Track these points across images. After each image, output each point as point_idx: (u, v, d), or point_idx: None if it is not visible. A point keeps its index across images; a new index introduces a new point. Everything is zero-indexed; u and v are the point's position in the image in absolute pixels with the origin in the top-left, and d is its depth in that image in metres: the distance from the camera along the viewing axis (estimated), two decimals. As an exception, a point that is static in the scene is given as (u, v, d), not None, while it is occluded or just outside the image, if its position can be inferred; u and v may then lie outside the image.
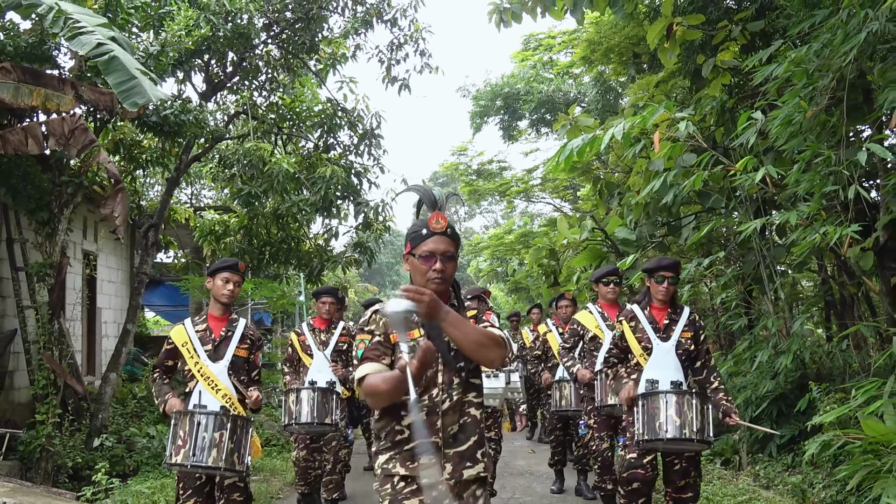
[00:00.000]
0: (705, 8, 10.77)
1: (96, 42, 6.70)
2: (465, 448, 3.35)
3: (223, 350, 5.35)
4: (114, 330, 13.71)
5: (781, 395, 9.08)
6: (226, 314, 5.47)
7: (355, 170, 12.41)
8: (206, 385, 5.22)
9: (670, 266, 5.79)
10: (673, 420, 5.26)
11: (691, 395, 5.32)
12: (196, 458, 4.89)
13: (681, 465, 5.60)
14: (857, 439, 6.66)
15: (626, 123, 7.64)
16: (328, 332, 7.80)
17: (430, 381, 3.33)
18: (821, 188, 7.35)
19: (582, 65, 18.54)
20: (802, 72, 7.55)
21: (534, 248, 16.68)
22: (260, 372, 5.66)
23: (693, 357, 5.71)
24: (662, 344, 5.67)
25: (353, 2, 11.82)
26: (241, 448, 5.04)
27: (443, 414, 3.32)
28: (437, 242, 3.31)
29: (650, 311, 5.83)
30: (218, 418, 4.98)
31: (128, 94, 6.71)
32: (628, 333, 5.82)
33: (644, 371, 5.66)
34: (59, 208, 9.17)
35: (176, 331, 5.44)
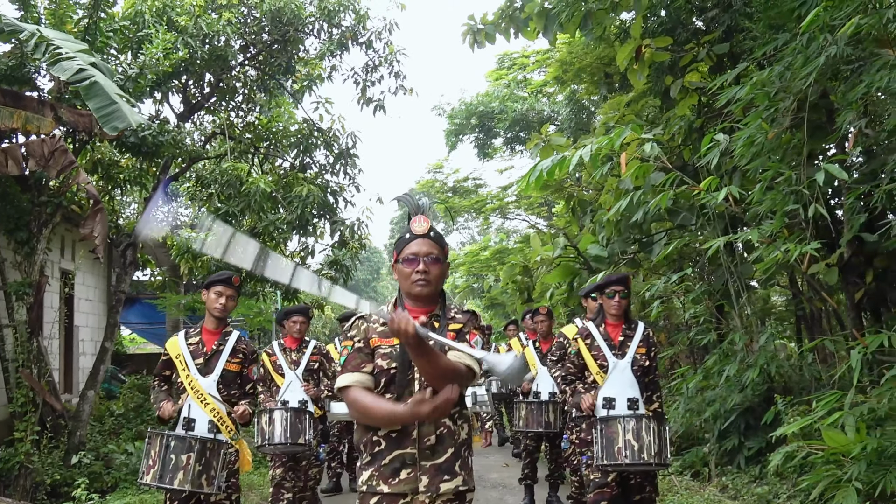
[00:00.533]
0: (674, 29, 10.99)
1: (77, 67, 6.88)
2: (442, 460, 3.28)
3: (213, 364, 5.38)
4: (91, 348, 13.77)
5: (749, 408, 9.25)
6: (219, 328, 5.49)
7: (331, 189, 12.61)
8: (196, 398, 5.26)
9: (619, 280, 5.88)
10: (631, 444, 5.33)
11: (649, 419, 5.40)
12: (164, 480, 4.98)
13: (636, 480, 5.67)
14: (820, 450, 6.83)
15: (593, 146, 7.85)
16: (299, 351, 7.79)
17: (406, 390, 3.29)
18: (782, 207, 7.59)
19: (555, 84, 18.82)
20: (764, 94, 7.80)
21: (508, 265, 16.88)
22: (255, 386, 5.69)
23: (646, 372, 5.80)
24: (618, 361, 5.73)
25: (329, 24, 12.03)
26: (209, 470, 5.07)
27: (419, 424, 3.25)
28: (420, 245, 3.31)
29: (605, 328, 5.88)
30: (187, 441, 5.04)
31: (108, 118, 6.89)
32: (584, 351, 5.88)
33: (601, 389, 5.72)
34: (38, 228, 9.30)
35: (171, 342, 5.49)
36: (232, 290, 5.43)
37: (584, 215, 13.67)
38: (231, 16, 10.93)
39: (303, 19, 11.68)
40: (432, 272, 3.32)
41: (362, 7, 12.10)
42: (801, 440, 7.20)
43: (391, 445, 3.26)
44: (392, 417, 3.20)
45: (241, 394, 5.50)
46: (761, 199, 7.80)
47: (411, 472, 3.24)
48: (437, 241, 3.36)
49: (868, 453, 6.24)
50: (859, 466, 6.22)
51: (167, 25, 10.28)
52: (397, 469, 3.25)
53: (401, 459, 3.25)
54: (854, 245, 8.15)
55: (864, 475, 6.19)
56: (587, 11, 10.31)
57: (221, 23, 10.63)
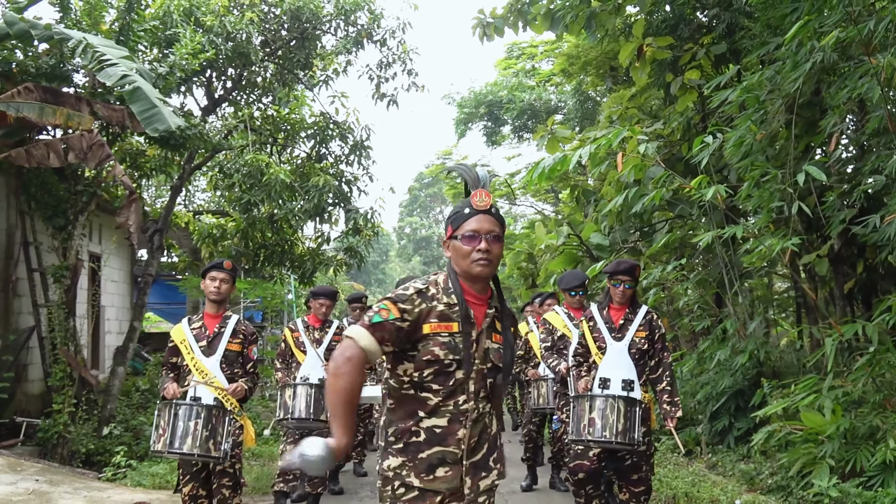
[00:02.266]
0: (677, 25, 11.36)
1: (121, 73, 7.51)
2: (479, 457, 3.13)
3: (216, 345, 5.61)
4: (115, 327, 14.44)
5: (739, 391, 9.68)
6: (219, 311, 5.74)
7: (346, 178, 13.22)
8: (201, 378, 5.49)
9: (627, 270, 5.93)
10: (595, 422, 5.49)
11: (615, 399, 5.51)
12: (174, 445, 5.21)
13: (632, 460, 5.76)
14: (799, 430, 7.37)
15: (591, 147, 8.39)
16: (322, 330, 7.89)
17: (459, 387, 3.07)
18: (768, 204, 8.13)
19: (562, 77, 19.22)
20: (754, 98, 8.32)
21: (513, 253, 17.26)
22: (255, 365, 5.87)
23: (649, 355, 5.91)
24: (616, 343, 5.84)
25: (345, 23, 12.64)
26: (216, 435, 5.27)
27: (471, 424, 3.09)
28: (482, 221, 3.06)
29: (608, 312, 6.01)
30: (193, 408, 5.26)
31: (150, 120, 7.53)
32: (587, 333, 6.05)
33: (598, 370, 5.86)
34: (74, 215, 9.94)
35: (175, 329, 5.75)
36: (225, 274, 5.65)
37: (587, 204, 14.08)
38: (253, 15, 11.54)
39: (321, 17, 12.31)
40: (494, 251, 3.07)
41: (377, 7, 12.73)
42: (783, 421, 7.76)
43: (432, 440, 3.05)
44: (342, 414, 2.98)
45: (242, 372, 5.72)
46: (750, 195, 8.35)
47: (450, 471, 3.05)
48: (497, 217, 3.11)
49: (841, 433, 6.79)
50: (833, 445, 6.78)
51: (194, 24, 10.85)
52: (434, 466, 3.04)
53: (440, 456, 3.05)
54: (843, 238, 8.62)
55: (838, 453, 6.74)
56: (591, 13, 10.82)
57: (244, 21, 11.21)
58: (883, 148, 7.78)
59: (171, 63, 9.96)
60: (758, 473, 8.23)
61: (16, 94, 8.64)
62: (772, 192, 8.08)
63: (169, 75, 9.89)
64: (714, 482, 8.11)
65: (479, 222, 3.05)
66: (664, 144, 11.65)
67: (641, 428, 5.55)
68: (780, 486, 7.66)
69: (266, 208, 12.53)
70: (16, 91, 8.70)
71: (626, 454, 5.76)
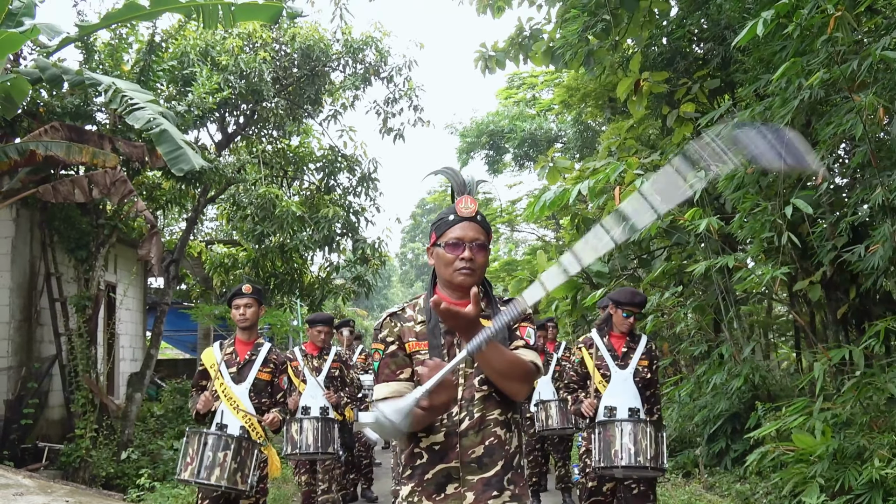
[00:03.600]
0: (673, 59, 11.74)
1: (149, 117, 7.97)
2: (492, 474, 2.92)
3: (246, 373, 5.54)
4: (129, 354, 14.81)
5: (735, 414, 9.94)
6: (251, 338, 5.69)
7: (354, 209, 13.68)
8: (229, 405, 5.42)
9: (640, 303, 5.90)
10: (628, 448, 5.34)
11: (646, 424, 5.42)
12: (200, 475, 5.13)
13: (639, 488, 5.70)
14: (791, 451, 7.69)
15: (590, 181, 8.82)
16: (320, 357, 7.89)
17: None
18: (759, 234, 8.51)
19: (562, 109, 19.62)
20: (744, 133, 8.69)
21: (515, 280, 17.56)
22: (285, 394, 5.80)
23: (648, 384, 5.87)
24: (620, 371, 5.76)
25: (354, 60, 13.13)
26: (244, 468, 5.21)
27: (461, 434, 2.93)
28: (466, 229, 2.94)
29: (609, 339, 5.92)
30: (223, 439, 5.19)
31: (176, 161, 7.99)
32: (587, 360, 5.93)
33: (603, 398, 5.74)
34: (96, 247, 10.41)
35: (206, 353, 5.73)
36: (248, 299, 5.59)
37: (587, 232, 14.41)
38: (266, 54, 12.03)
39: (330, 55, 12.82)
40: (478, 260, 2.93)
41: (384, 45, 13.22)
42: (777, 442, 8.09)
43: (434, 459, 2.94)
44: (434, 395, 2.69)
45: (271, 402, 5.64)
46: (742, 226, 8.73)
47: (457, 488, 2.92)
48: (483, 225, 2.99)
49: (831, 453, 7.04)
50: (823, 465, 7.03)
51: (210, 64, 11.34)
52: (442, 484, 2.93)
53: (445, 474, 2.93)
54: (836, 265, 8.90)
55: (827, 472, 6.98)
56: (588, 51, 11.24)
57: (258, 60, 11.69)
58: (868, 181, 8.14)
59: (189, 102, 10.44)
60: (753, 493, 8.48)
61: (43, 133, 9.12)
62: (763, 223, 8.41)
63: (187, 113, 10.37)
64: (710, 501, 8.41)
65: (463, 230, 2.94)
66: (662, 175, 11.97)
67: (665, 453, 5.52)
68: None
69: (276, 238, 12.94)
70: (43, 130, 9.19)
71: (633, 483, 5.71)
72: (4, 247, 10.68)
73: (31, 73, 8.89)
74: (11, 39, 7.56)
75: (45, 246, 10.82)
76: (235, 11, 9.26)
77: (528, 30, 11.90)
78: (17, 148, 8.67)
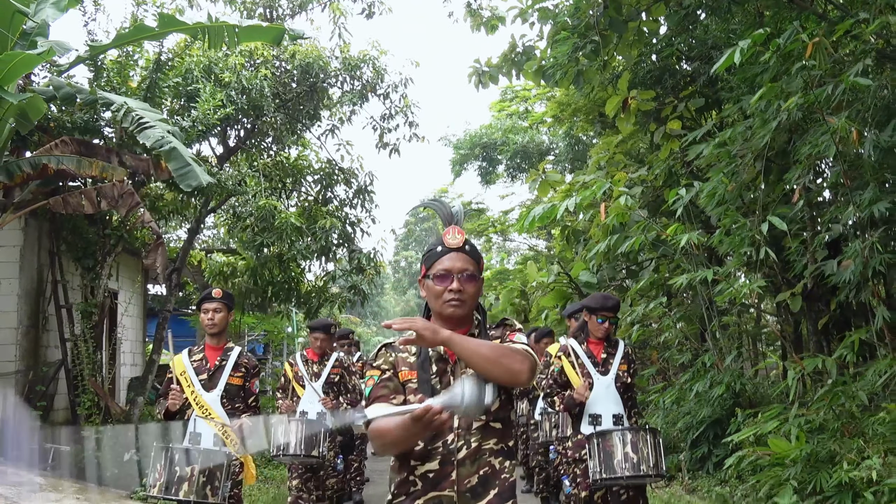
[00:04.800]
0: (661, 76, 12.14)
1: (160, 136, 8.39)
2: (484, 503, 2.91)
3: (217, 379, 5.49)
4: (130, 359, 15.17)
5: (717, 420, 10.26)
6: (220, 343, 5.61)
7: (350, 220, 14.12)
8: (201, 413, 5.36)
9: (613, 307, 5.88)
10: (630, 457, 5.31)
11: (645, 432, 5.43)
12: (169, 490, 5.07)
13: (628, 494, 5.68)
14: (767, 455, 8.09)
15: (577, 198, 9.23)
16: (321, 363, 7.92)
17: (445, 425, 2.79)
18: (739, 249, 8.90)
19: (553, 123, 19.98)
20: (725, 153, 9.11)
21: (506, 290, 17.88)
22: (257, 398, 5.75)
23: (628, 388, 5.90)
24: (602, 378, 5.76)
25: (351, 77, 13.57)
26: (213, 481, 5.12)
27: (458, 464, 2.91)
28: (454, 260, 2.95)
29: (587, 346, 5.93)
30: (190, 453, 5.12)
31: (184, 177, 8.43)
32: (568, 368, 5.89)
33: (586, 406, 5.74)
34: (102, 256, 10.81)
35: (175, 360, 5.57)
36: (217, 304, 5.48)
37: (577, 243, 14.77)
38: (267, 71, 12.45)
39: (328, 73, 13.25)
40: (467, 291, 2.95)
41: (381, 63, 13.68)
42: (754, 447, 8.45)
43: (427, 486, 2.92)
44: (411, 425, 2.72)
45: (244, 407, 5.58)
46: (722, 241, 9.13)
47: None
48: (472, 255, 3.00)
49: (804, 457, 7.37)
50: (796, 468, 7.37)
51: (213, 80, 11.75)
52: None
53: (437, 502, 2.91)
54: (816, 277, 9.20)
55: (800, 475, 7.32)
56: (578, 71, 11.62)
57: (259, 77, 12.11)
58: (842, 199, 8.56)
59: (193, 118, 10.87)
60: (731, 496, 8.83)
61: (54, 148, 9.53)
62: (742, 238, 8.79)
63: (191, 128, 10.79)
64: (689, 502, 8.78)
65: (451, 261, 2.96)
66: (648, 188, 12.39)
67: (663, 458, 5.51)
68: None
69: (275, 248, 13.32)
70: (53, 144, 9.60)
71: (621, 490, 5.67)
72: (13, 255, 11.06)
73: (45, 91, 9.33)
74: (27, 60, 7.96)
75: (53, 254, 11.22)
76: (240, 33, 9.69)
77: (521, 46, 12.18)
78: (31, 162, 9.08)
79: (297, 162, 14.28)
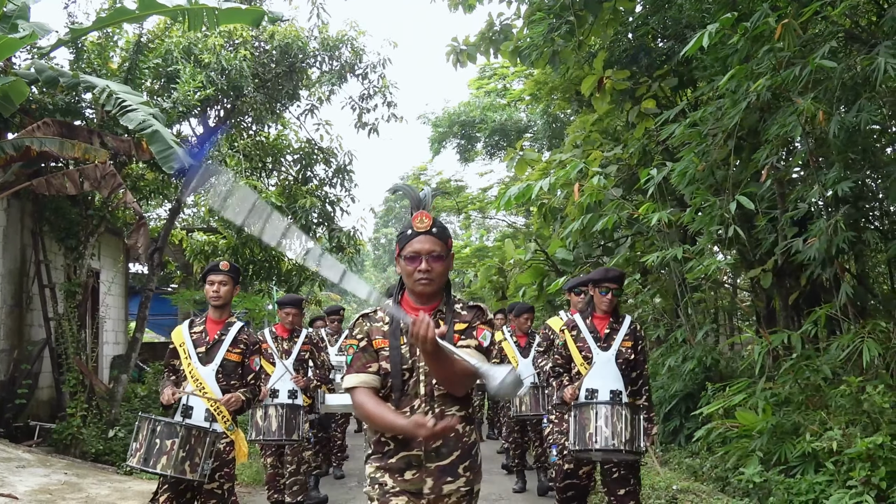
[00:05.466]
0: (637, 55, 12.24)
1: (142, 119, 8.54)
2: (447, 463, 3.28)
3: (214, 353, 5.36)
4: (112, 337, 15.34)
5: (689, 394, 10.49)
6: (222, 317, 5.49)
7: (329, 199, 14.30)
8: (195, 387, 5.26)
9: (616, 278, 5.79)
10: (602, 431, 5.25)
11: (622, 406, 5.32)
12: (147, 462, 4.97)
13: (619, 472, 5.58)
14: (735, 427, 8.33)
15: (551, 178, 9.43)
16: (290, 340, 7.77)
17: (412, 392, 3.29)
18: (709, 227, 9.11)
19: (531, 101, 20.11)
20: (696, 132, 9.27)
21: (485, 267, 18.07)
22: (257, 376, 5.62)
23: (632, 366, 5.73)
24: (602, 353, 5.66)
25: (330, 58, 13.70)
26: (193, 457, 5.01)
27: None
28: (423, 242, 3.24)
29: (591, 321, 5.82)
30: (172, 426, 5.01)
31: (167, 159, 8.59)
32: (570, 343, 5.83)
33: (584, 380, 5.64)
34: (85, 236, 10.95)
35: (175, 332, 5.52)
36: (223, 276, 5.40)
37: (554, 221, 14.93)
38: (246, 52, 12.55)
39: (307, 53, 13.37)
40: (435, 270, 3.25)
41: (359, 44, 13.83)
42: (723, 419, 8.67)
43: (398, 447, 3.28)
44: (391, 428, 3.24)
45: (241, 384, 5.44)
46: (693, 219, 9.32)
47: (416, 473, 3.27)
48: (439, 236, 3.28)
49: (770, 429, 7.67)
50: (762, 440, 7.66)
51: (193, 61, 11.86)
52: (402, 469, 3.28)
53: (406, 460, 3.27)
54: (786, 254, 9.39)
55: (766, 447, 7.61)
56: (553, 52, 11.77)
57: (239, 57, 12.23)
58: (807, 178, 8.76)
59: (174, 99, 10.98)
60: (701, 467, 9.11)
61: (36, 129, 9.65)
62: (712, 217, 8.98)
63: (172, 110, 10.91)
64: (659, 474, 9.03)
65: (420, 243, 3.24)
66: (624, 167, 12.55)
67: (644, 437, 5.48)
68: (720, 477, 8.52)
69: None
70: (35, 126, 9.72)
71: (613, 467, 5.61)
72: (-4, 236, 11.19)
73: (28, 74, 9.45)
74: (9, 44, 8.07)
75: (35, 235, 11.35)
76: (219, 15, 9.80)
77: (499, 25, 12.22)
78: (14, 144, 9.20)
79: (276, 141, 14.42)
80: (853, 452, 6.42)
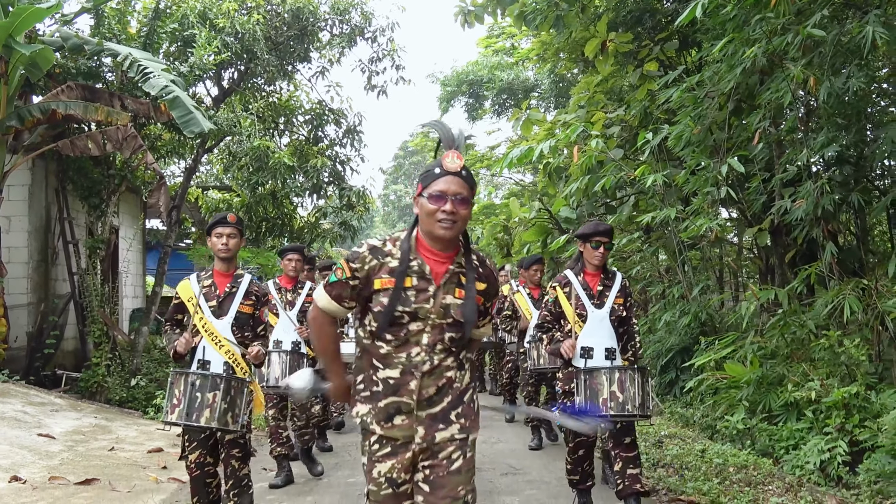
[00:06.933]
0: (641, 17, 12.43)
1: (163, 84, 8.97)
2: (438, 409, 3.14)
3: (227, 306, 5.24)
4: (131, 291, 15.91)
5: (685, 348, 10.79)
6: (230, 270, 5.34)
7: (340, 159, 14.77)
8: (210, 341, 5.15)
9: (606, 231, 5.62)
10: (616, 396, 5.20)
11: (633, 371, 5.29)
12: (189, 417, 4.86)
13: (622, 423, 5.48)
14: (724, 378, 8.70)
15: (552, 141, 9.78)
16: (294, 291, 7.60)
17: (412, 339, 3.11)
18: (703, 188, 9.45)
19: (538, 61, 20.31)
20: (692, 97, 9.57)
21: (490, 225, 18.41)
22: (266, 328, 5.54)
23: (622, 322, 5.62)
24: (597, 311, 5.54)
25: (340, 21, 14.09)
26: (234, 408, 4.99)
27: (422, 376, 3.10)
28: (450, 183, 3.02)
29: (584, 278, 5.67)
30: (211, 379, 4.95)
31: (187, 124, 9.05)
32: (562, 300, 5.70)
33: (579, 338, 5.52)
34: (107, 195, 11.46)
35: (182, 286, 5.31)
36: (231, 228, 5.23)
37: (559, 180, 15.21)
38: (259, 16, 12.94)
39: (318, 16, 13.76)
40: (459, 213, 3.04)
41: (369, 8, 14.23)
42: (713, 371, 8.98)
43: (388, 391, 3.13)
44: (328, 370, 3.32)
45: (253, 335, 5.38)
46: (688, 181, 9.66)
47: (406, 420, 3.13)
48: (467, 180, 3.06)
49: (756, 380, 8.08)
50: (748, 390, 8.09)
51: (208, 26, 12.26)
52: (391, 415, 3.13)
53: (396, 406, 3.12)
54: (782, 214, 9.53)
55: (752, 397, 8.04)
56: (557, 16, 12.04)
57: (252, 21, 12.62)
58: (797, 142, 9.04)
59: (191, 63, 11.41)
60: (693, 416, 9.49)
61: (60, 93, 10.11)
62: (706, 179, 9.33)
63: (189, 73, 11.34)
64: (652, 423, 9.43)
65: (447, 183, 3.02)
66: (626, 128, 12.83)
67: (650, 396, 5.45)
68: (709, 425, 8.90)
69: (268, 186, 13.94)
70: (60, 90, 10.18)
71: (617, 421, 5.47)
72: (22, 194, 11.69)
73: (54, 42, 9.88)
74: (36, 13, 8.48)
75: (59, 193, 11.87)
76: (235, -20, 10.22)
77: (506, -15, 12.43)
78: (40, 107, 9.66)
79: (288, 102, 14.87)
80: (830, 401, 6.82)
